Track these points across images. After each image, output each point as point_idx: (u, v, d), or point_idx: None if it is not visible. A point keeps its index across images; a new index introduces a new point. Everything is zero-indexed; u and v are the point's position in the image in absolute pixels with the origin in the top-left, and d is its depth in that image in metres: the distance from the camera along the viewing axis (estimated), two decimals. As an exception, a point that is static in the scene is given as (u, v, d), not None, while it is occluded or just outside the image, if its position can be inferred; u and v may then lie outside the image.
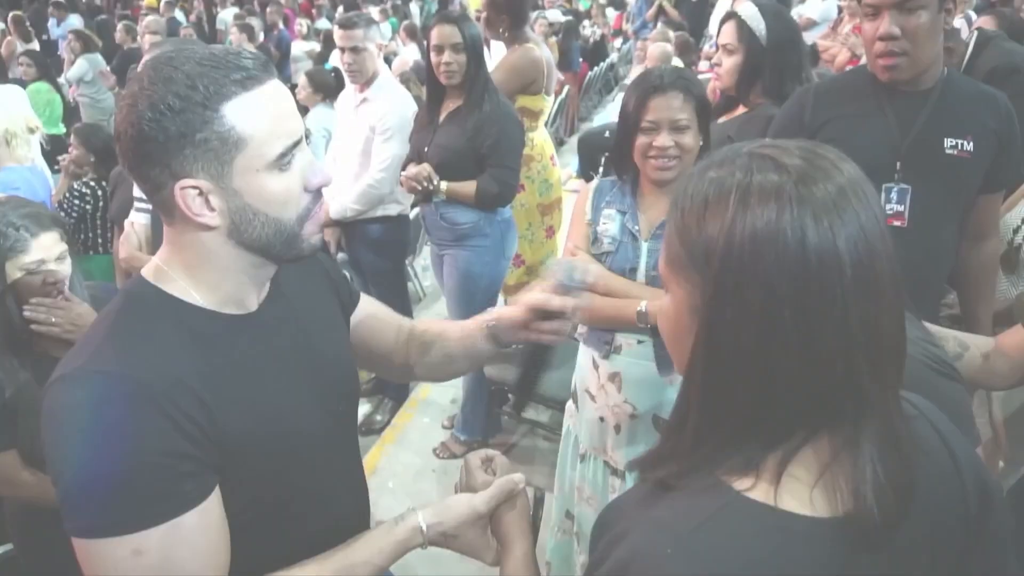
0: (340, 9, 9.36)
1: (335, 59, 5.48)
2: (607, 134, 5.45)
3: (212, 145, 0.81)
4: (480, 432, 2.93)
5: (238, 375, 0.88)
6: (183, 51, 0.83)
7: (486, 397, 2.87)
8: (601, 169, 5.31)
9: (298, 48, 7.58)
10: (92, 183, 3.30)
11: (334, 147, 3.13)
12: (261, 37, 8.26)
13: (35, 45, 7.32)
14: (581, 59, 8.35)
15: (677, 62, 5.88)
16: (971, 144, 1.66)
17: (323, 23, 8.92)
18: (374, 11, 8.73)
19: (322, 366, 1.00)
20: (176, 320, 0.87)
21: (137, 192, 2.18)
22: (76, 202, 3.26)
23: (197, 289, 0.89)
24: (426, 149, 2.60)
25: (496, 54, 3.27)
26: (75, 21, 9.29)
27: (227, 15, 9.44)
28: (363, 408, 3.44)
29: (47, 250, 1.53)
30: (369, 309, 1.20)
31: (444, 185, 2.54)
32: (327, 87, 4.29)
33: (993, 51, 2.60)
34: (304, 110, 4.19)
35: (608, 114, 6.11)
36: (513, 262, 3.17)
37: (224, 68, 0.81)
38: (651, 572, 0.61)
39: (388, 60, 7.25)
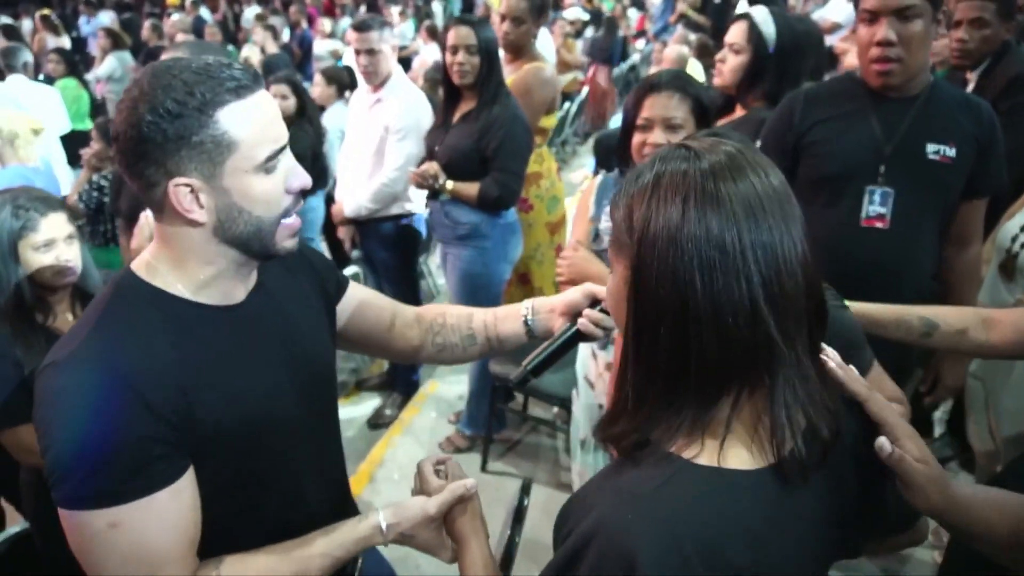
0: (363, 9, 9.46)
1: (348, 58, 5.54)
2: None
3: (206, 147, 0.88)
4: (484, 427, 2.98)
5: (218, 364, 0.95)
6: (180, 61, 0.90)
7: (490, 393, 2.92)
8: (617, 170, 5.33)
9: (320, 47, 7.68)
10: (110, 176, 3.39)
11: (346, 146, 3.19)
12: (285, 36, 8.39)
13: (65, 41, 7.48)
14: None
15: (695, 64, 5.88)
16: (953, 150, 1.68)
17: (346, 22, 9.03)
18: (394, 11, 8.83)
19: (301, 358, 1.05)
20: (160, 310, 0.93)
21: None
22: (95, 194, 3.36)
23: (182, 281, 0.96)
24: (436, 148, 2.66)
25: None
26: (105, 19, 9.49)
27: (251, 14, 9.58)
28: (373, 402, 3.51)
29: (57, 229, 1.61)
30: (359, 296, 1.25)
31: (450, 184, 2.59)
32: (342, 82, 4.35)
33: (1012, 58, 2.59)
34: (321, 108, 4.25)
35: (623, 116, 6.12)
36: (519, 282, 3.14)
37: (218, 78, 0.88)
38: (614, 536, 0.67)
39: (408, 60, 7.33)
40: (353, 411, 3.46)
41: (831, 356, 0.81)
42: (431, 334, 1.28)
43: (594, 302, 1.16)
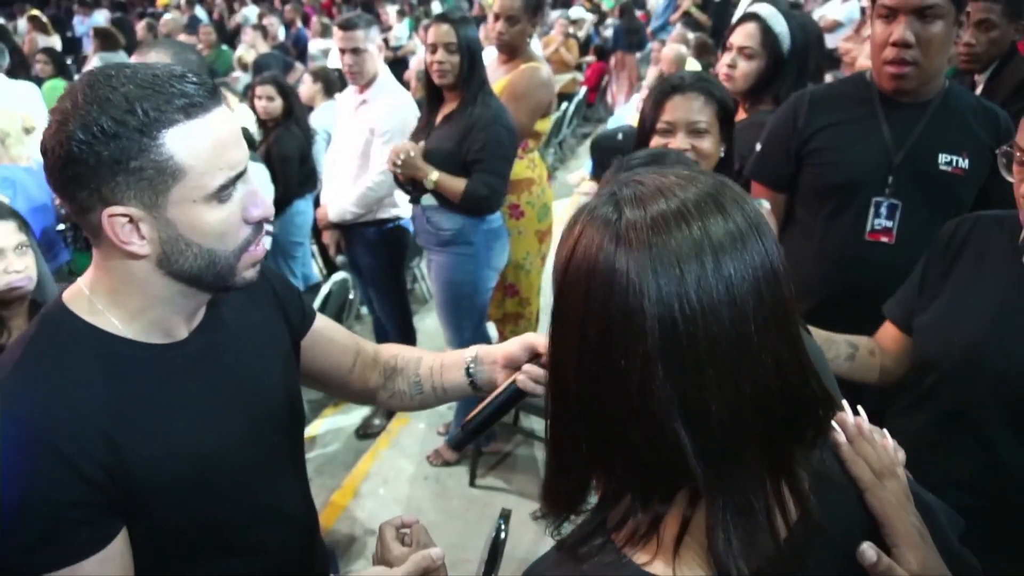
0: (358, 10, 9.38)
1: (334, 60, 5.43)
2: (620, 136, 5.37)
3: (147, 174, 0.77)
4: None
5: (156, 408, 0.85)
6: (124, 70, 0.79)
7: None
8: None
9: (314, 46, 7.60)
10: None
11: (333, 149, 3.10)
12: (281, 35, 8.30)
13: (55, 41, 7.39)
14: (597, 58, 8.27)
15: (693, 63, 5.78)
16: (966, 161, 1.58)
17: (342, 21, 8.94)
18: (391, 10, 8.74)
19: (257, 396, 0.96)
20: (91, 351, 0.83)
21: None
22: (76, 199, 3.27)
23: (119, 317, 0.85)
24: (420, 150, 2.56)
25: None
26: (100, 19, 9.42)
27: (250, 12, 9.51)
28: (361, 411, 3.41)
29: (4, 239, 1.52)
30: (324, 331, 1.14)
31: (435, 175, 2.46)
32: (330, 82, 4.26)
33: (1021, 60, 2.49)
34: (309, 109, 4.17)
35: (621, 117, 6.03)
36: (506, 292, 3.03)
37: (166, 93, 0.77)
38: None
39: (405, 60, 7.24)
40: (341, 420, 3.37)
41: (846, 423, 0.70)
42: (384, 378, 1.18)
43: (535, 355, 1.05)
